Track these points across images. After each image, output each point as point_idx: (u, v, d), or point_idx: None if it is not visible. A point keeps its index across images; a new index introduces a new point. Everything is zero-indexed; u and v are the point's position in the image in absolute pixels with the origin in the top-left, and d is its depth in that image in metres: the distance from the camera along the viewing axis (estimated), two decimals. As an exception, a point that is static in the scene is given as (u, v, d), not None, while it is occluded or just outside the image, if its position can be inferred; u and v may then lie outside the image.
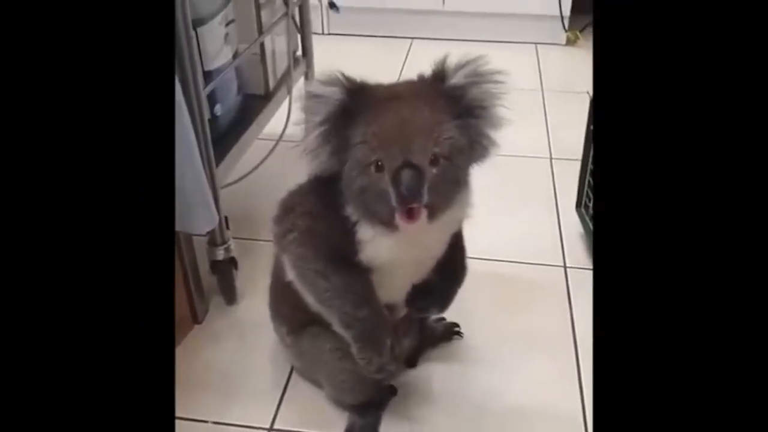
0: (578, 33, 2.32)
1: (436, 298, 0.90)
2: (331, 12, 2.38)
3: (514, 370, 1.07)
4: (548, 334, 1.13)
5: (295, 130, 0.78)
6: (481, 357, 1.09)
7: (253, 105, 1.30)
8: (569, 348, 1.10)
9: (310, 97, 0.74)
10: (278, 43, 1.39)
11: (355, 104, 0.72)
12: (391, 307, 0.90)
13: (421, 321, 1.05)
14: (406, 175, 0.68)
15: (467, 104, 0.74)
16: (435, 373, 1.07)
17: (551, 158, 1.64)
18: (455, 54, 0.76)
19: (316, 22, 2.27)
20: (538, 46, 2.32)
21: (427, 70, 0.77)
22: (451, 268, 0.89)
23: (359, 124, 0.71)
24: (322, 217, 0.80)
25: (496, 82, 0.74)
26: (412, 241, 0.78)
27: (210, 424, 0.98)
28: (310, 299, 0.85)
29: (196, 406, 1.00)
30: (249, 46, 1.24)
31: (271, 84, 1.36)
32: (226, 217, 1.14)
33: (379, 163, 0.70)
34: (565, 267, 1.28)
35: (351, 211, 0.77)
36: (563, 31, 2.31)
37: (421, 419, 0.99)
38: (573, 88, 1.99)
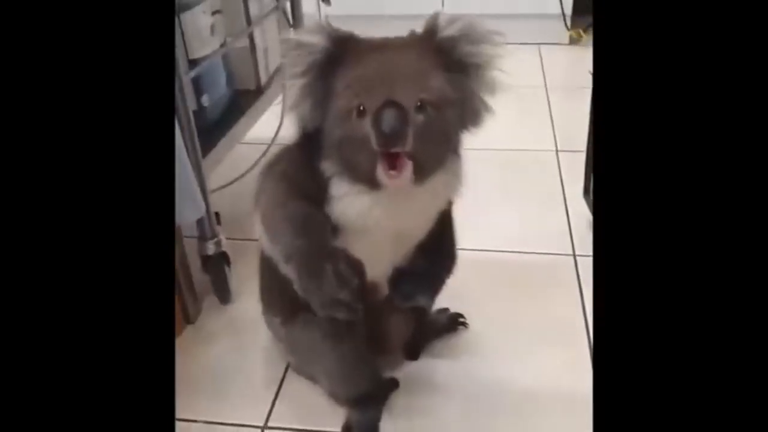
0: (581, 32, 2.29)
1: (422, 284, 0.83)
2: (322, 5, 2.33)
3: (525, 360, 1.00)
4: (560, 323, 1.07)
5: (288, 133, 0.75)
6: (491, 348, 1.03)
7: (244, 99, 1.27)
8: (582, 336, 1.04)
9: (294, 46, 0.69)
10: (271, 39, 1.36)
11: (341, 53, 0.68)
12: (373, 286, 0.85)
13: (422, 312, 0.99)
14: (388, 113, 0.63)
15: (458, 58, 0.70)
16: (440, 365, 1.01)
17: (557, 150, 1.59)
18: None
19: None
20: (541, 46, 2.28)
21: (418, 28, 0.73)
22: (437, 252, 0.83)
23: (343, 71, 0.67)
24: (299, 167, 0.76)
25: (492, 42, 0.70)
26: (392, 203, 0.72)
27: (201, 424, 0.93)
28: (265, 242, 0.79)
29: (189, 406, 0.94)
30: (236, 38, 1.21)
31: (263, 79, 1.33)
32: (216, 213, 1.10)
33: (361, 108, 0.66)
34: (574, 255, 1.22)
35: (327, 166, 0.72)
36: (566, 30, 2.27)
37: (425, 411, 0.93)
38: (576, 85, 1.95)
